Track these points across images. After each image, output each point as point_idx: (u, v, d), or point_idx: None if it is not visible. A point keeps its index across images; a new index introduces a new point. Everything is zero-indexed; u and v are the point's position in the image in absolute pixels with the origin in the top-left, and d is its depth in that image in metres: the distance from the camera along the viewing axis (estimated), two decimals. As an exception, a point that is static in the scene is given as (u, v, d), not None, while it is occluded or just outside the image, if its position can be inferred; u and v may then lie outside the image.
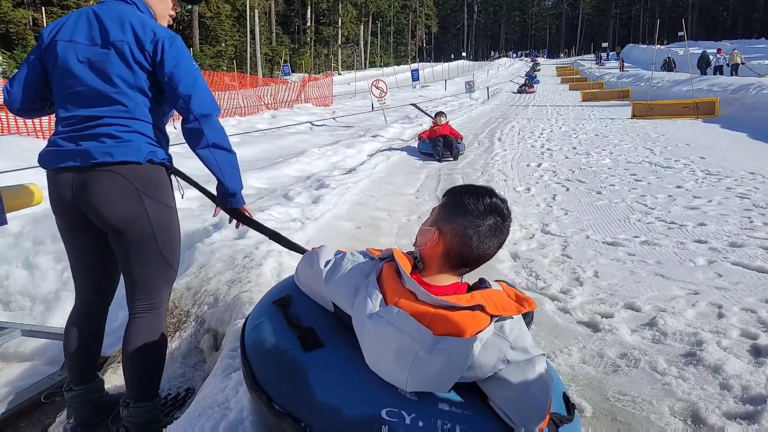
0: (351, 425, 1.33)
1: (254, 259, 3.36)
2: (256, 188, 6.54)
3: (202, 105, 1.99)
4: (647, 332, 2.83)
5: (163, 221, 2.04)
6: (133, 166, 1.95)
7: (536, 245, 4.51)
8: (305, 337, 1.51)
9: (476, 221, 1.51)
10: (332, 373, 1.43)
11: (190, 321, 2.79)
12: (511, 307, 1.45)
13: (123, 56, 1.95)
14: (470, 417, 1.37)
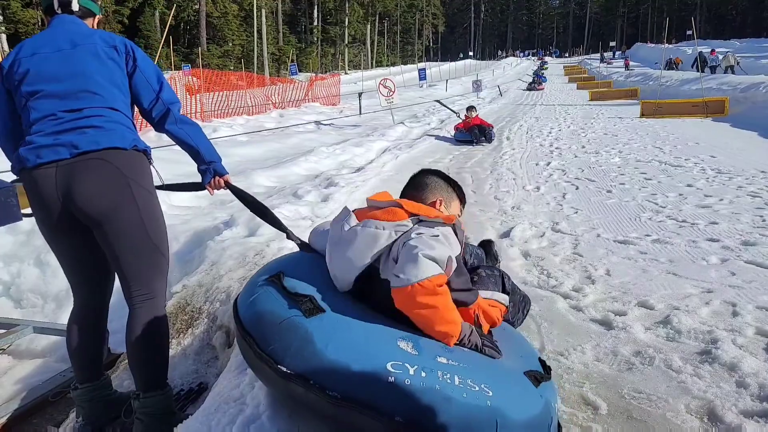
0: (359, 378, 1.45)
1: (265, 256, 3.36)
2: (265, 187, 6.56)
3: (170, 95, 2.22)
4: (661, 330, 2.82)
5: (150, 208, 2.07)
6: (119, 151, 2.00)
7: (547, 243, 4.49)
8: (306, 304, 1.64)
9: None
10: (336, 334, 1.55)
11: (202, 318, 2.80)
12: (437, 214, 1.81)
13: (94, 53, 2.06)
14: (466, 369, 1.54)
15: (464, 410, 1.45)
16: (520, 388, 1.62)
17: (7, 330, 3.30)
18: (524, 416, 1.54)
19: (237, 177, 6.85)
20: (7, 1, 28.86)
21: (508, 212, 5.58)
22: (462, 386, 1.49)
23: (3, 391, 3.08)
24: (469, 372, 1.54)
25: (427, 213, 1.78)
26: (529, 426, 1.53)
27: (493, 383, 1.55)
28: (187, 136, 2.21)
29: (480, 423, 1.46)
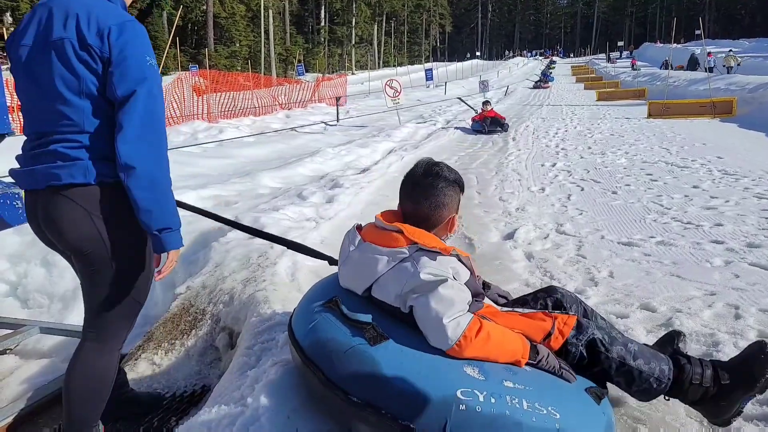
0: (430, 407, 1.49)
1: (269, 258, 3.38)
2: (270, 188, 6.58)
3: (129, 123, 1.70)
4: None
5: (121, 246, 1.82)
6: (80, 188, 1.75)
7: (551, 245, 4.50)
8: (370, 332, 1.67)
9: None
10: (404, 362, 1.58)
11: (205, 319, 2.82)
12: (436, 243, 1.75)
13: (64, 57, 1.71)
14: (533, 392, 1.57)
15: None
16: (584, 407, 1.65)
17: (14, 330, 3.34)
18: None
19: (243, 178, 6.89)
20: (17, 3, 29.05)
21: (513, 213, 5.59)
22: (530, 410, 1.52)
23: (9, 391, 3.11)
24: (536, 395, 1.57)
25: (425, 242, 1.74)
26: None
27: (559, 405, 1.57)
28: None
29: None
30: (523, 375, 1.65)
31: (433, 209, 1.85)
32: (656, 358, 1.89)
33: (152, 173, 1.73)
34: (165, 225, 1.76)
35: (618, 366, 1.85)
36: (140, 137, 1.70)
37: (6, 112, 2.50)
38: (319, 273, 3.41)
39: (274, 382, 1.77)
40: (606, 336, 1.88)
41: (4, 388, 3.20)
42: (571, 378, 1.73)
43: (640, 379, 1.85)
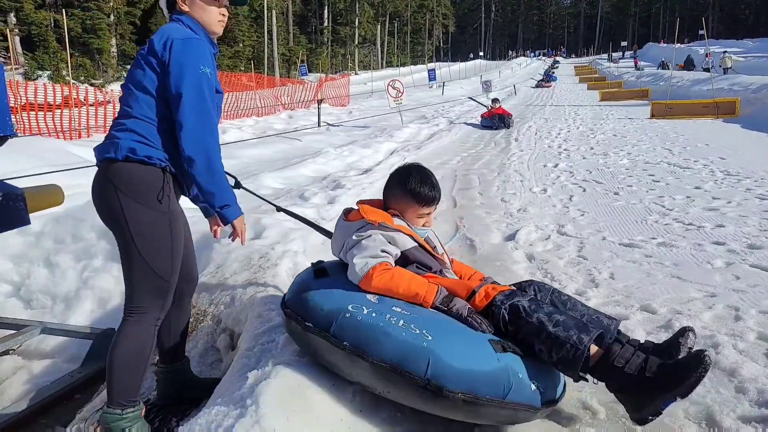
0: (326, 314, 1.98)
1: (270, 259, 3.39)
2: (273, 188, 6.60)
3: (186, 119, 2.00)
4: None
5: (142, 224, 1.98)
6: (110, 162, 2.00)
7: (552, 246, 4.50)
8: (319, 270, 2.26)
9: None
10: (330, 290, 2.10)
11: (206, 320, 2.83)
12: (380, 218, 2.20)
13: (139, 61, 2.05)
14: (416, 318, 1.93)
15: (400, 345, 1.84)
16: (471, 347, 1.89)
17: (17, 331, 3.35)
18: (464, 366, 1.82)
19: (246, 179, 6.90)
20: (21, 4, 29.10)
21: (514, 214, 5.59)
22: (404, 328, 1.88)
23: (12, 391, 3.14)
24: (419, 321, 1.90)
25: (370, 218, 2.20)
26: (472, 377, 1.81)
27: (438, 333, 1.88)
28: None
29: (414, 357, 1.82)
30: (420, 310, 1.99)
31: (385, 197, 2.40)
32: (579, 329, 1.94)
33: (210, 161, 2.01)
34: (224, 202, 2.10)
35: (536, 331, 1.94)
36: (195, 132, 1.99)
37: (8, 114, 2.52)
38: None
39: (273, 383, 1.79)
40: (533, 305, 2.02)
41: (6, 388, 3.22)
42: (477, 326, 1.96)
43: (557, 346, 1.91)
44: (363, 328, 1.89)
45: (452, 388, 1.79)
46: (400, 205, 2.32)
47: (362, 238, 2.15)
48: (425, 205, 2.31)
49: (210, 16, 2.18)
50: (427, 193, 2.29)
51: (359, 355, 1.86)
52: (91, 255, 4.29)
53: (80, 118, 12.32)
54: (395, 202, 2.34)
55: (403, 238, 2.22)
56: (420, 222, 2.34)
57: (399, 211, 2.32)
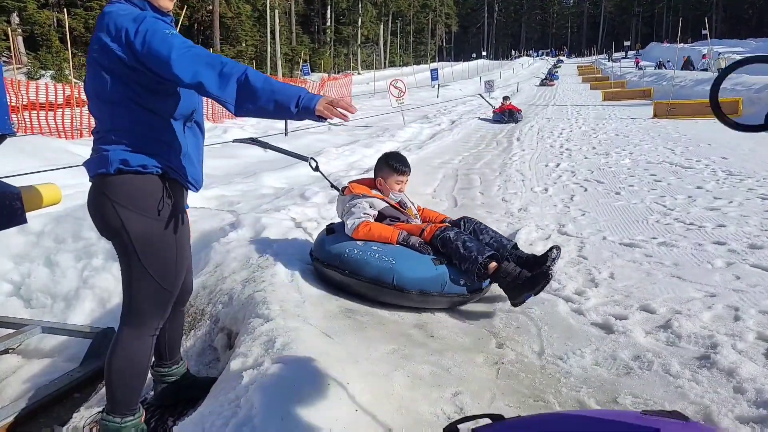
0: (334, 255, 3.20)
1: (269, 258, 3.39)
2: (274, 188, 6.59)
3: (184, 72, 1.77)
4: (661, 335, 2.81)
5: (143, 233, 1.93)
6: (102, 177, 1.91)
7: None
8: (329, 230, 3.45)
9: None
10: (335, 241, 3.28)
11: (204, 320, 2.83)
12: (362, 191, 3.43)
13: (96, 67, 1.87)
14: (386, 251, 3.12)
15: (375, 267, 3.07)
16: (420, 264, 3.09)
17: (16, 330, 3.36)
18: (415, 275, 3.05)
19: (247, 179, 6.91)
20: (24, 3, 29.14)
21: (515, 214, 5.58)
22: (377, 257, 3.09)
23: (11, 390, 3.14)
24: (386, 253, 3.12)
25: (356, 191, 3.42)
26: (421, 281, 3.04)
27: (400, 259, 3.09)
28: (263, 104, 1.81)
29: (385, 274, 3.04)
30: (388, 246, 3.19)
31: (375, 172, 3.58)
32: (479, 251, 3.07)
33: (241, 86, 1.78)
34: (295, 98, 1.80)
35: (455, 252, 3.11)
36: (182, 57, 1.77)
37: (7, 112, 2.51)
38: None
39: (268, 383, 1.78)
40: (455, 235, 3.17)
41: (6, 387, 3.22)
42: (422, 251, 3.18)
43: (464, 261, 3.07)
44: (354, 261, 3.13)
45: (409, 288, 3.04)
46: (383, 174, 3.51)
47: (352, 206, 3.36)
48: (399, 173, 3.51)
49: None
50: (400, 166, 3.52)
51: (354, 277, 3.12)
52: (91, 254, 4.30)
53: (82, 117, 12.33)
54: (381, 173, 3.53)
55: (378, 201, 3.44)
56: (396, 187, 3.55)
57: (383, 178, 3.51)
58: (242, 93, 1.79)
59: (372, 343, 2.52)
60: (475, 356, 2.61)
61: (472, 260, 3.02)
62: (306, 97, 1.82)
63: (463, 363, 2.50)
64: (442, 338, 2.77)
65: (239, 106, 1.81)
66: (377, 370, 2.20)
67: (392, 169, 3.49)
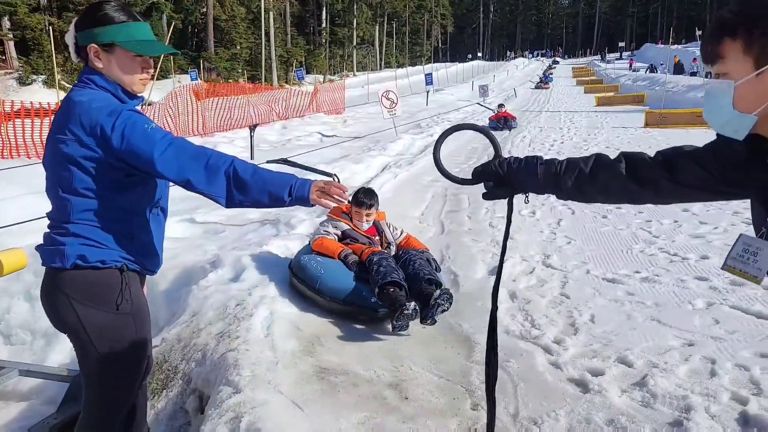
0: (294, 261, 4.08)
1: (246, 308, 3.37)
2: (261, 212, 6.55)
3: (169, 170, 1.75)
4: (637, 393, 2.80)
5: (102, 328, 1.86)
6: (57, 271, 1.85)
7: (535, 281, 4.48)
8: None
9: None
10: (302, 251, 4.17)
11: (177, 379, 2.80)
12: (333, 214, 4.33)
13: (61, 156, 1.79)
14: (323, 263, 3.87)
15: (309, 273, 3.76)
16: (342, 276, 3.74)
17: (-6, 372, 3.31)
18: (334, 285, 3.67)
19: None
20: (14, 7, 28.97)
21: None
22: (314, 266, 3.81)
23: (-15, 440, 3.10)
24: (322, 264, 3.82)
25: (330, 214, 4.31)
26: (337, 290, 3.66)
27: (327, 270, 3.75)
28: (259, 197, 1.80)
29: (313, 280, 3.70)
30: (328, 259, 3.88)
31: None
32: (383, 276, 3.55)
33: (231, 179, 1.77)
34: (287, 188, 1.79)
35: (372, 273, 3.65)
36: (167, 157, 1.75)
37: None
38: (296, 323, 3.41)
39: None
40: (378, 260, 3.72)
41: (-20, 437, 3.19)
42: (351, 268, 3.81)
43: (373, 282, 3.58)
44: (302, 266, 3.87)
45: (325, 294, 3.66)
46: (353, 205, 4.20)
47: (320, 225, 4.31)
48: (359, 207, 4.16)
49: (130, 78, 1.90)
50: (362, 201, 4.17)
51: (296, 278, 3.88)
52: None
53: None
54: (352, 203, 4.20)
55: (342, 225, 4.21)
56: (360, 218, 4.19)
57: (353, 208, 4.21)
58: (232, 187, 1.78)
59: (343, 410, 2.50)
60: (449, 421, 2.58)
61: (376, 282, 3.54)
62: (298, 185, 1.82)
63: (436, 431, 2.49)
64: (417, 399, 2.75)
65: (230, 200, 1.80)
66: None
67: (356, 204, 4.18)
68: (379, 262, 3.66)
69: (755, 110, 1.19)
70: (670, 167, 1.50)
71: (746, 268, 1.26)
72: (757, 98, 1.19)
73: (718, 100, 1.25)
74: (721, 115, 1.26)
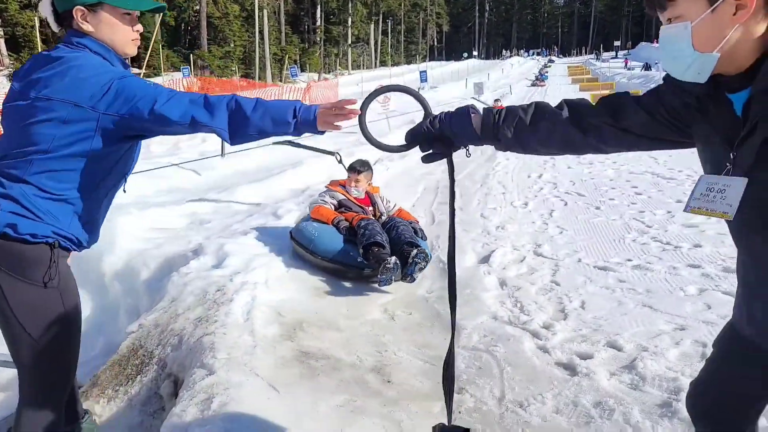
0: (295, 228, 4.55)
1: (226, 293, 3.27)
2: (248, 204, 6.46)
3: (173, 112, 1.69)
4: (626, 376, 2.72)
5: (27, 303, 1.72)
6: None
7: (526, 270, 4.40)
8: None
9: None
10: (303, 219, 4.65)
11: (152, 364, 2.71)
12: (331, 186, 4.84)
13: (40, 112, 1.67)
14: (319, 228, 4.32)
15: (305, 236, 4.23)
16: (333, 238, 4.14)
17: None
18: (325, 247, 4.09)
19: (221, 194, 6.79)
20: (5, 4, 28.75)
21: (492, 233, 5.48)
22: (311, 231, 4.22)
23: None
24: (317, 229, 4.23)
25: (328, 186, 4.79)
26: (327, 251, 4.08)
27: (320, 234, 4.17)
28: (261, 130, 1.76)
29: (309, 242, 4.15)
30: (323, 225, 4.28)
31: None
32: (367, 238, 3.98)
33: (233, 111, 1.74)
34: (291, 109, 1.77)
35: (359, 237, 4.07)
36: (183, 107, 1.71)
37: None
38: (278, 309, 3.32)
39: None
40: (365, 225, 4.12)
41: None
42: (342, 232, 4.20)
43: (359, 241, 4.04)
44: (300, 231, 4.33)
45: (318, 254, 4.10)
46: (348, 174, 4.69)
47: (318, 195, 4.72)
48: (352, 172, 4.64)
49: (122, 37, 1.81)
50: (354, 167, 4.64)
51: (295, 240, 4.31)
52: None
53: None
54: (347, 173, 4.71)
55: (338, 195, 4.63)
56: (354, 184, 4.62)
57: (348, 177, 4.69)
58: (234, 118, 1.74)
59: (322, 394, 2.41)
60: (432, 405, 2.50)
61: (361, 242, 4.00)
62: (303, 108, 1.78)
63: (418, 415, 2.40)
64: (400, 384, 2.67)
65: (233, 132, 1.75)
66: (322, 430, 2.10)
67: (349, 170, 4.70)
68: (365, 226, 4.10)
69: (716, 47, 1.15)
70: (614, 113, 1.45)
71: (713, 206, 1.23)
72: (716, 34, 1.14)
73: (675, 45, 1.19)
74: (681, 60, 1.20)
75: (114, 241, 4.51)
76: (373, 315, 3.48)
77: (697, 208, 1.27)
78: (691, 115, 1.33)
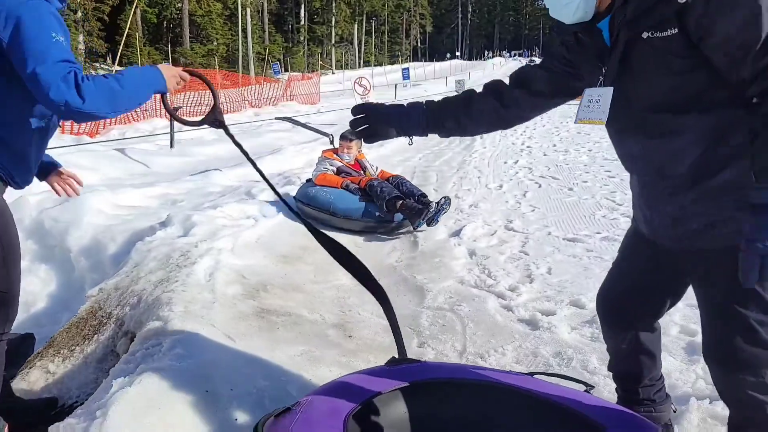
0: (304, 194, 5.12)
1: (190, 257, 3.23)
2: (223, 186, 6.41)
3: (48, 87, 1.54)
4: (586, 330, 2.74)
5: None
6: None
7: (496, 242, 4.41)
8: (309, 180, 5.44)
9: None
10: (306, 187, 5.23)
11: (110, 323, 2.67)
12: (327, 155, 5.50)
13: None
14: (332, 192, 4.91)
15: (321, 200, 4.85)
16: (348, 199, 4.77)
17: None
18: (344, 206, 4.74)
19: (195, 177, 6.74)
20: None
21: (465, 210, 5.49)
22: (325, 195, 4.85)
23: None
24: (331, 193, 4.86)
25: (324, 155, 5.43)
26: (347, 210, 4.73)
27: (336, 196, 4.80)
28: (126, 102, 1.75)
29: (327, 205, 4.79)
30: (333, 189, 4.89)
31: None
32: (390, 193, 4.64)
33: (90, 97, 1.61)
34: (141, 89, 1.78)
35: (375, 193, 4.65)
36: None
37: None
38: (242, 272, 3.29)
39: (130, 393, 1.63)
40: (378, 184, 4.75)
41: None
42: (354, 193, 4.82)
43: (378, 197, 4.64)
44: (313, 196, 4.88)
45: (338, 214, 4.68)
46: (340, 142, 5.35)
47: (319, 163, 5.30)
48: (342, 140, 5.30)
49: None
50: (344, 135, 5.24)
51: (311, 206, 4.84)
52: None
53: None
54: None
55: (336, 162, 5.22)
56: (346, 151, 5.30)
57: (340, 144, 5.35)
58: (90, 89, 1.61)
59: (279, 345, 2.39)
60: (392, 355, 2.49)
61: (383, 198, 4.59)
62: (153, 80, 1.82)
63: (377, 363, 2.38)
64: (361, 338, 2.66)
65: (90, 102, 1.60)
66: (273, 375, 2.07)
67: (341, 139, 5.36)
68: (379, 185, 4.76)
69: None
70: (523, 83, 1.67)
71: (591, 115, 1.43)
72: None
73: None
74: (568, 5, 1.40)
75: (81, 218, 4.44)
76: (341, 281, 3.46)
77: (582, 120, 1.47)
78: (575, 54, 1.54)
